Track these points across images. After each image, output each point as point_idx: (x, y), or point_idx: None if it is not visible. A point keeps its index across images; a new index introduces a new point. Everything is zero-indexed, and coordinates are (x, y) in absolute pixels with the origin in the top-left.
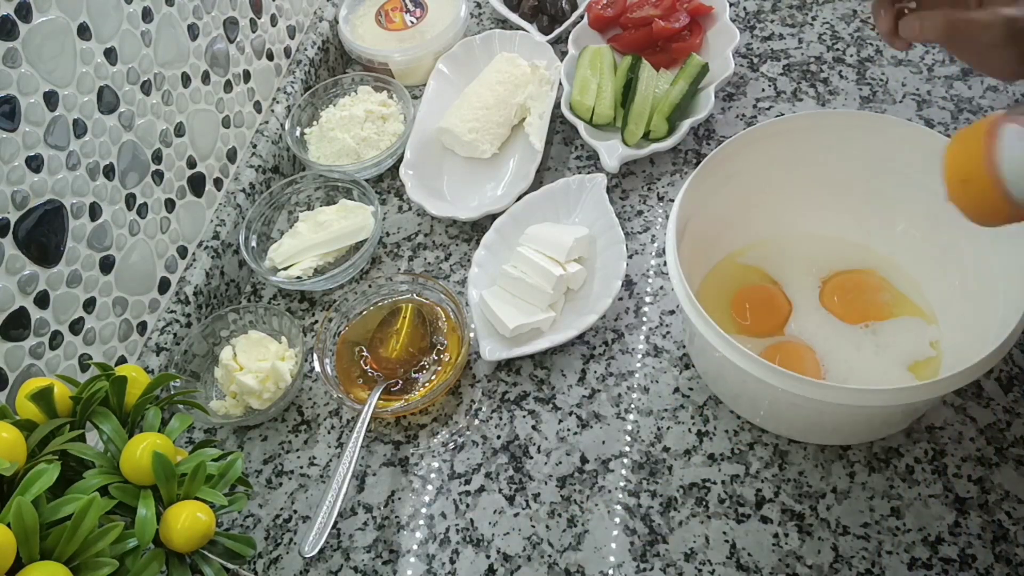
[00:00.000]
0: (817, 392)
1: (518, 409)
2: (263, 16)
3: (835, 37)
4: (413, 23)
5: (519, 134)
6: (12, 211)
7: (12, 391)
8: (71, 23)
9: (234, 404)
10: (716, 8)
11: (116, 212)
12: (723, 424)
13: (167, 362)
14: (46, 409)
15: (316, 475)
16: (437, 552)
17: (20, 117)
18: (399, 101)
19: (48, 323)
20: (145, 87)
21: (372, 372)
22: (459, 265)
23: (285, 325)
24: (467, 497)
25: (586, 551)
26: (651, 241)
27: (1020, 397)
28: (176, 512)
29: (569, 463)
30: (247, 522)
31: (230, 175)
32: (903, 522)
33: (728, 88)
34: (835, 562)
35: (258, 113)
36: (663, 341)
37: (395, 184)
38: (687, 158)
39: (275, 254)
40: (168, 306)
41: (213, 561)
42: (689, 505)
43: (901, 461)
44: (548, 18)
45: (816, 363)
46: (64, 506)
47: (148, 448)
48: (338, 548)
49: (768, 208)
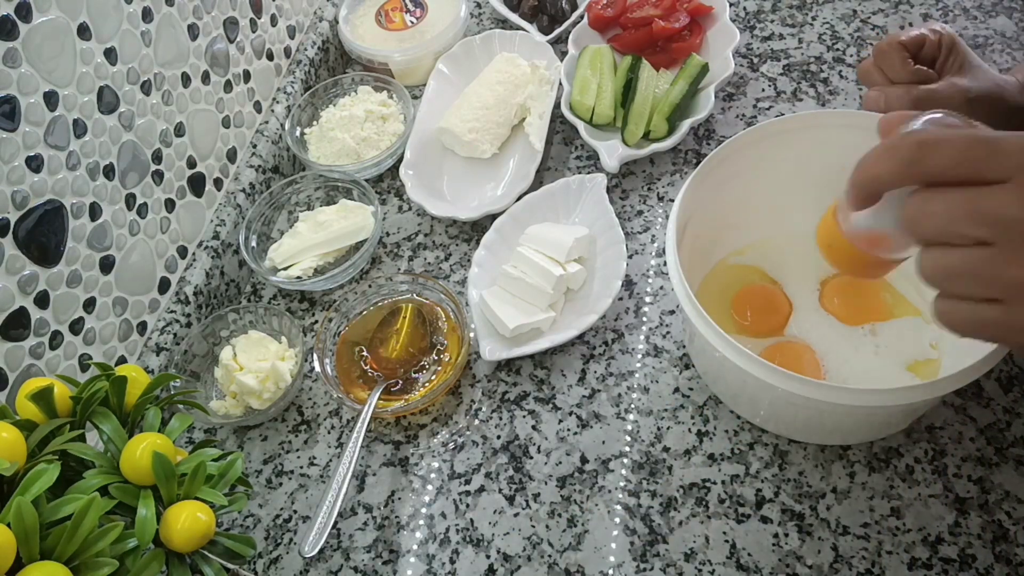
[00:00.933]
0: (817, 392)
1: (518, 409)
2: (263, 16)
3: (835, 37)
4: (413, 23)
5: (519, 134)
6: (12, 211)
7: (12, 391)
8: (71, 23)
9: (234, 404)
10: (716, 8)
11: (116, 212)
12: (723, 424)
13: (167, 362)
14: (46, 409)
15: (316, 475)
16: (437, 552)
17: (20, 117)
18: (399, 101)
19: (48, 323)
20: (145, 87)
21: (372, 372)
22: (459, 265)
23: (285, 325)
24: (467, 497)
25: (586, 551)
26: (651, 241)
27: (1020, 397)
28: (176, 512)
29: (569, 463)
30: (247, 522)
31: (230, 175)
32: (903, 522)
33: (728, 88)
34: (835, 562)
35: (258, 113)
36: (663, 341)
37: (395, 184)
38: (687, 158)
39: (275, 254)
40: (168, 306)
41: (213, 561)
42: (689, 505)
43: (901, 461)
44: (548, 18)
45: (816, 363)
46: (64, 506)
47: (148, 448)
48: (338, 548)
49: (768, 208)
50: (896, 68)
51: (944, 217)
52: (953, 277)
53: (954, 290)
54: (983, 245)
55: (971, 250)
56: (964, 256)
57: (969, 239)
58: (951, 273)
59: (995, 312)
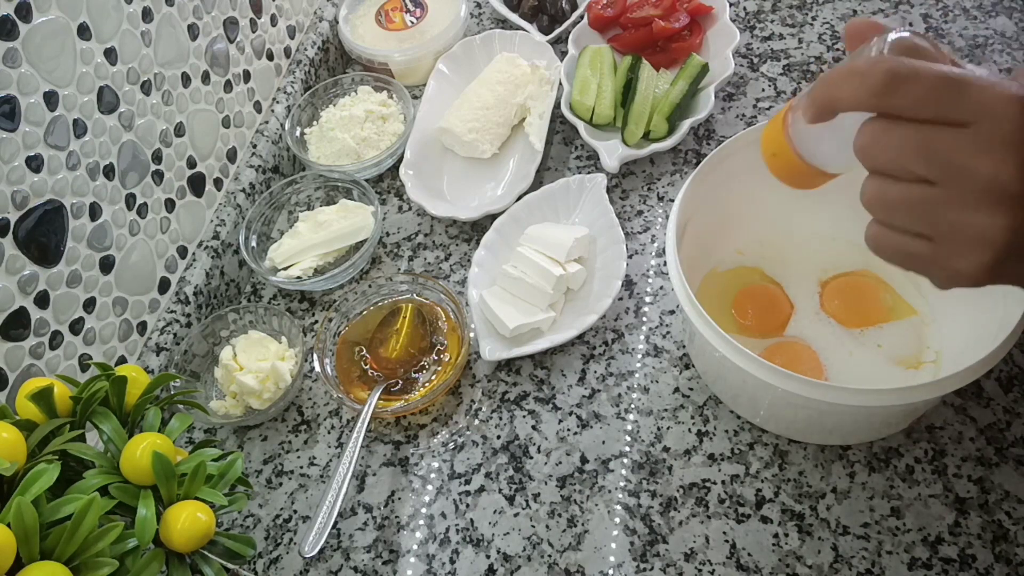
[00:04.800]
0: (817, 392)
1: (518, 409)
2: (263, 16)
3: (835, 37)
4: (413, 23)
5: (519, 134)
6: (12, 211)
7: (12, 391)
8: (71, 23)
9: (234, 404)
10: (716, 8)
11: (116, 212)
12: (723, 424)
13: (167, 362)
14: (46, 409)
15: (316, 475)
16: (437, 552)
17: (20, 117)
18: (399, 101)
19: (48, 323)
20: (145, 87)
21: (372, 372)
22: (459, 265)
23: (285, 325)
24: (467, 497)
25: (586, 551)
26: (651, 241)
27: (1020, 397)
28: (176, 512)
29: (569, 463)
30: (247, 522)
31: (230, 175)
32: (903, 522)
33: (728, 88)
34: (835, 562)
35: (258, 113)
36: (663, 341)
37: (395, 184)
38: (687, 158)
39: (275, 254)
40: (168, 306)
41: (213, 561)
42: (689, 505)
43: (901, 461)
44: (548, 18)
45: (817, 363)
46: (64, 506)
47: (148, 448)
48: (338, 548)
49: (768, 208)
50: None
51: (897, 151)
52: (892, 208)
53: (890, 220)
54: (926, 183)
55: (914, 186)
56: (907, 191)
57: (915, 176)
58: (891, 205)
59: (923, 247)
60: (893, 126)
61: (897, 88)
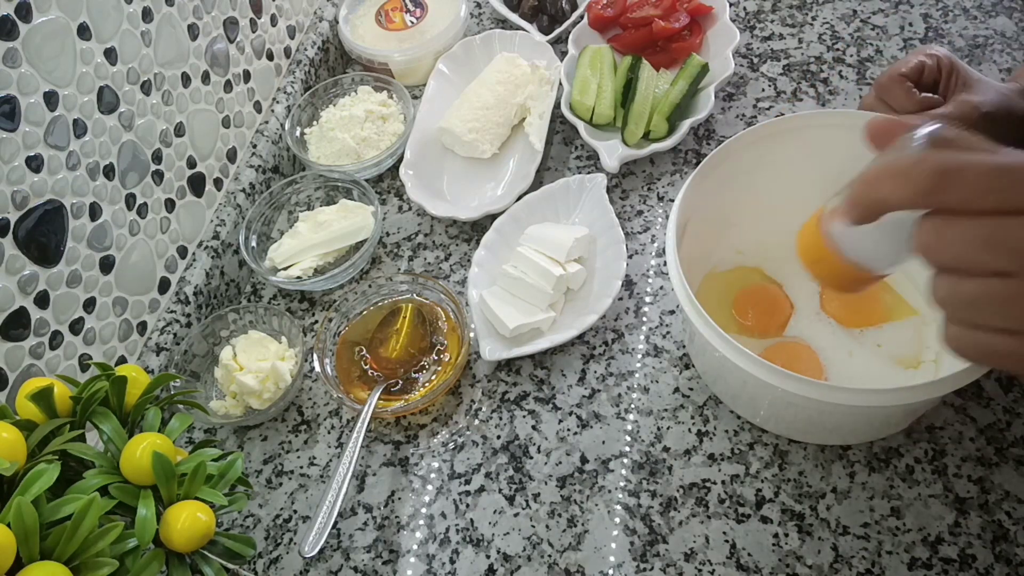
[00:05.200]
0: (817, 392)
1: (518, 409)
2: (263, 16)
3: (835, 37)
4: (413, 23)
5: (519, 134)
6: (12, 211)
7: (12, 391)
8: (71, 23)
9: (234, 404)
10: (716, 8)
11: (116, 212)
12: (723, 424)
13: (167, 362)
14: (46, 409)
15: (316, 475)
16: (437, 552)
17: (20, 117)
18: (399, 101)
19: (48, 323)
20: (145, 87)
21: (372, 372)
22: (459, 265)
23: (285, 325)
24: (467, 497)
25: (586, 551)
26: (651, 241)
27: (1020, 397)
28: (176, 512)
29: (569, 463)
30: (247, 522)
31: (230, 175)
32: (903, 522)
33: (728, 88)
34: (835, 562)
35: (258, 113)
36: (663, 341)
37: (395, 184)
38: (687, 158)
39: (275, 254)
40: (168, 306)
41: (213, 561)
42: (689, 505)
43: (901, 461)
44: (548, 18)
45: (817, 363)
46: (64, 506)
47: (148, 448)
48: (338, 548)
49: (768, 208)
50: (901, 100)
51: (963, 246)
52: (970, 306)
53: (969, 318)
54: (1003, 276)
55: (990, 280)
56: (983, 286)
57: (989, 270)
58: (968, 303)
59: (1012, 343)
60: (954, 222)
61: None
